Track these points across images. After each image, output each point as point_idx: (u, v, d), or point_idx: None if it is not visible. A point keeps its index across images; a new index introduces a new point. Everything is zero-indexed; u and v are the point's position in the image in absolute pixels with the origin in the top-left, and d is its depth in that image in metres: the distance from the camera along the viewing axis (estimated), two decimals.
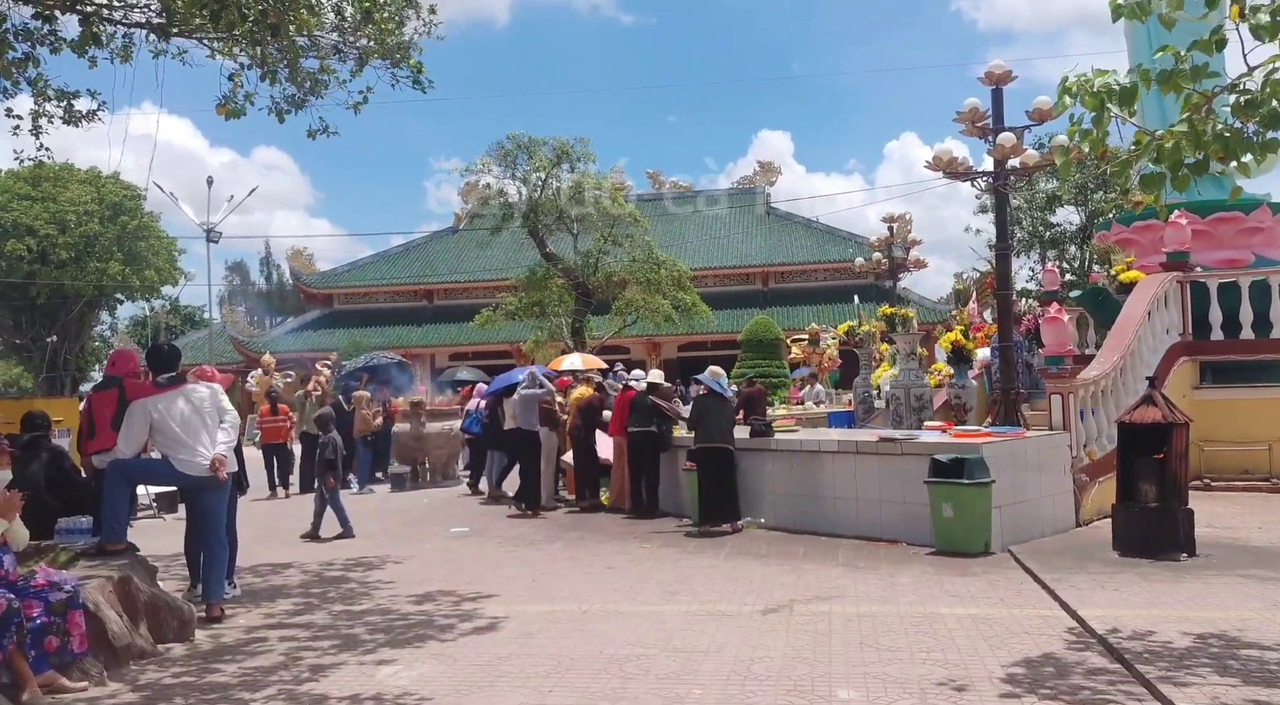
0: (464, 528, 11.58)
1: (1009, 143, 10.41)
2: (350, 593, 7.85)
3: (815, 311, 45.42)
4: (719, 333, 40.89)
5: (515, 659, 5.72)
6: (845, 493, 9.96)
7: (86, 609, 5.45)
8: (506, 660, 5.70)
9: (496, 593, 7.67)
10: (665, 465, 12.05)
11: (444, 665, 5.64)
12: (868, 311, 37.20)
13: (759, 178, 59.30)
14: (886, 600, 6.97)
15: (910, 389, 13.14)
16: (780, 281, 50.53)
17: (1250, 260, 13.49)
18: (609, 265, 26.53)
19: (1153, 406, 8.14)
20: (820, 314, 43.78)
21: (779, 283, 50.51)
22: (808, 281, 49.92)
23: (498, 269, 50.85)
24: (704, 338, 43.11)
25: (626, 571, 8.54)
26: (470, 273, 51.81)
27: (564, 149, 25.69)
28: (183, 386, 6.89)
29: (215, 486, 6.91)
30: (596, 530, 11.15)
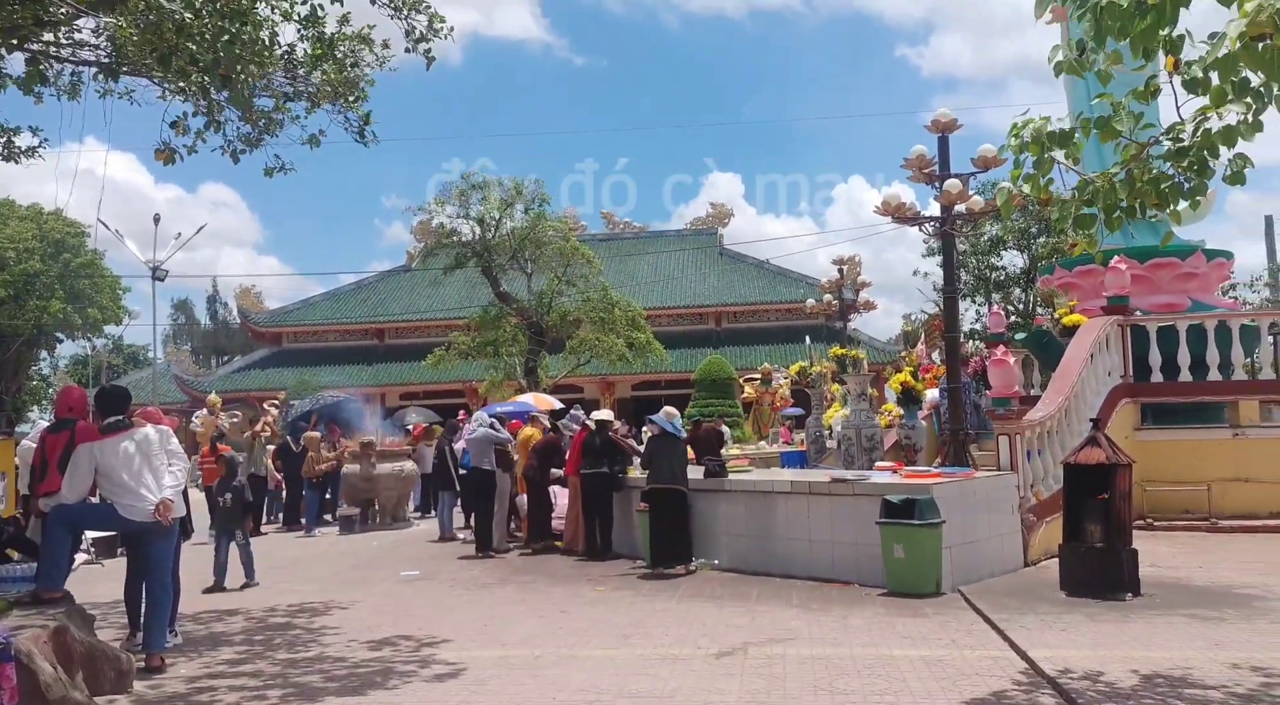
0: (414, 571, 11.39)
1: (955, 189, 10.67)
2: (296, 640, 7.66)
3: (767, 351, 45.77)
4: (672, 372, 40.99)
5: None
6: (798, 533, 9.99)
7: (19, 660, 5.25)
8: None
9: (449, 638, 7.54)
10: (618, 506, 12.00)
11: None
12: (819, 352, 37.66)
13: (712, 219, 60.05)
14: (840, 642, 6.98)
15: (861, 429, 13.28)
16: (733, 321, 50.99)
17: (1187, 305, 13.92)
18: (563, 305, 26.57)
19: (1097, 448, 8.32)
20: (772, 354, 44.11)
21: (731, 322, 50.96)
22: (760, 322, 50.47)
23: (451, 308, 50.75)
24: (658, 377, 43.20)
25: (580, 615, 8.46)
26: (423, 312, 51.55)
27: (518, 189, 25.81)
28: (130, 430, 6.73)
29: (160, 532, 6.73)
30: (549, 573, 11.04)
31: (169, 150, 7.54)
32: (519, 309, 26.39)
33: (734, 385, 34.25)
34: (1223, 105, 5.01)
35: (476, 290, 49.66)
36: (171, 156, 8.04)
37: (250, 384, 47.76)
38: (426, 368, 44.40)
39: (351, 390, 44.68)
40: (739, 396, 32.46)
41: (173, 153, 7.62)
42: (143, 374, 54.57)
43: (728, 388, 34.87)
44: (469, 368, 35.19)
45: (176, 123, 7.98)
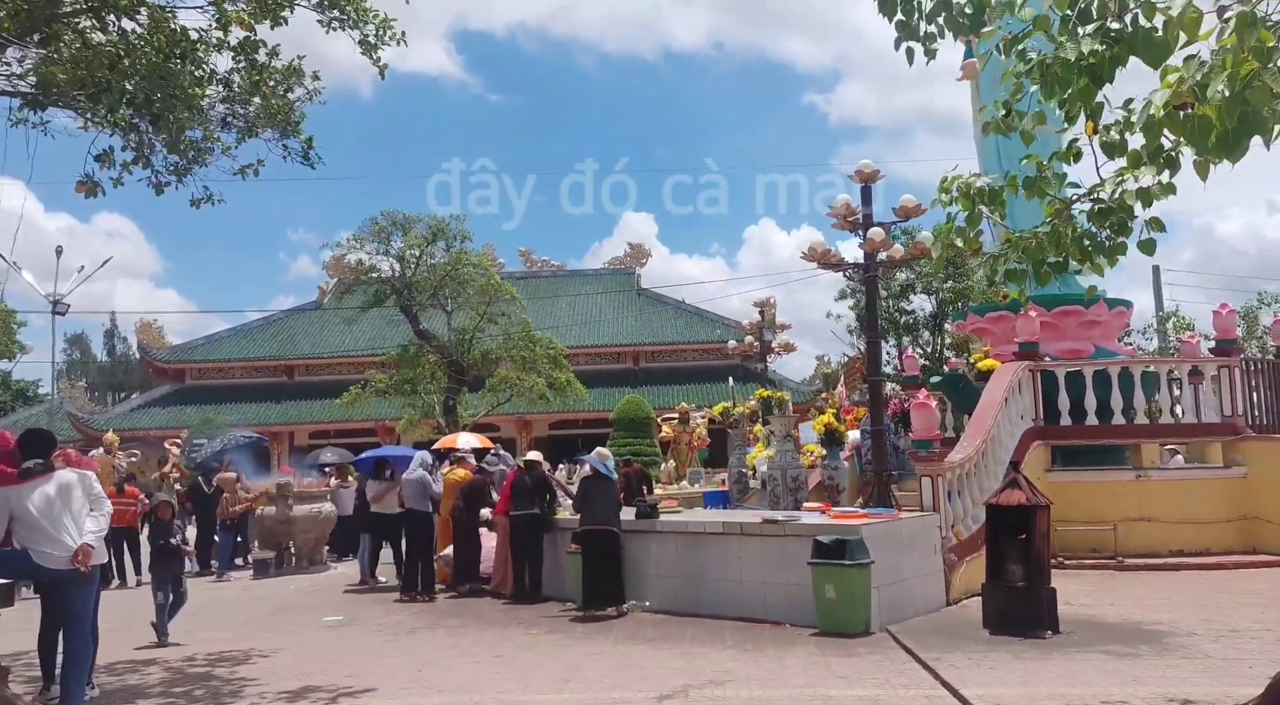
0: (338, 616, 11.08)
1: (879, 237, 11.07)
2: (216, 691, 7.37)
3: (684, 391, 46.20)
4: (590, 411, 40.96)
5: None
6: (730, 574, 10.08)
7: None
8: None
9: (378, 686, 7.37)
10: (548, 548, 11.91)
11: None
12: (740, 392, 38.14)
13: (629, 259, 60.53)
14: (778, 683, 7.05)
15: (787, 470, 13.51)
16: (650, 361, 51.33)
17: (1090, 351, 14.62)
18: (484, 343, 26.39)
19: (1018, 489, 8.65)
20: (689, 393, 44.55)
21: (649, 362, 51.30)
22: (677, 361, 50.93)
23: (365, 345, 49.86)
24: (576, 416, 43.17)
25: (515, 659, 8.35)
26: (335, 349, 50.56)
27: (439, 227, 25.67)
28: (51, 474, 6.46)
29: (79, 580, 6.45)
30: (479, 616, 10.87)
31: (92, 183, 7.32)
32: (439, 347, 26.11)
33: (652, 425, 34.52)
34: (1139, 167, 5.37)
35: (392, 327, 49.01)
36: (94, 189, 7.81)
37: (150, 422, 46.03)
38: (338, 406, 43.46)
39: (260, 428, 43.51)
40: (657, 436, 32.72)
41: (95, 185, 7.40)
42: (33, 411, 52.02)
43: (645, 427, 35.12)
44: (383, 406, 34.68)
45: (103, 156, 7.76)
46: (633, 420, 34.95)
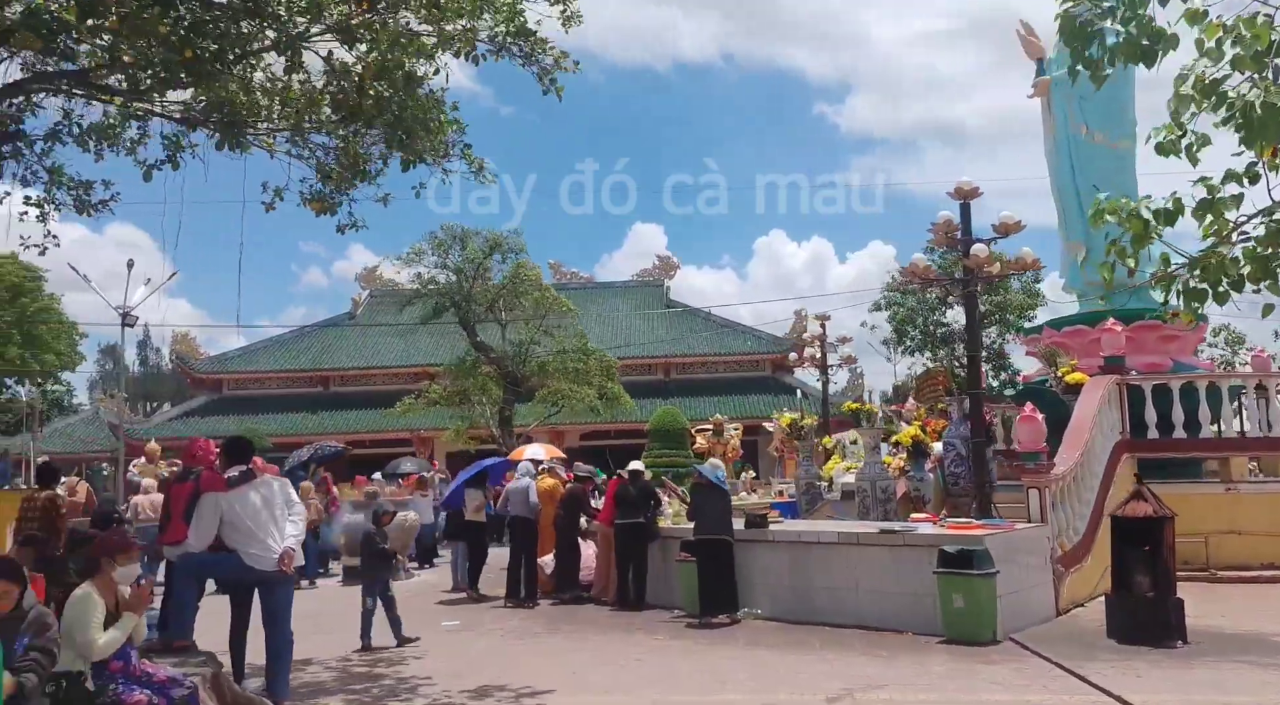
0: (454, 621, 11.38)
1: (983, 254, 11.34)
2: (394, 689, 7.68)
3: (716, 402, 46.28)
4: (622, 422, 41.20)
5: None
6: (845, 582, 10.32)
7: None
8: None
9: (550, 687, 7.64)
10: (650, 556, 12.17)
11: None
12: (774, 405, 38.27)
13: (658, 271, 60.79)
14: (936, 688, 7.30)
15: (876, 481, 13.75)
16: (682, 372, 51.46)
17: (1169, 365, 14.84)
18: (538, 355, 26.71)
19: (1143, 501, 8.89)
20: (721, 405, 44.66)
21: (680, 373, 51.43)
22: (708, 373, 51.02)
23: (399, 356, 50.36)
24: (607, 427, 43.28)
25: (656, 663, 8.62)
26: (369, 360, 50.94)
27: (497, 240, 26.05)
28: (256, 480, 6.80)
29: (283, 581, 6.78)
30: (590, 622, 11.14)
31: (325, 199, 7.61)
32: (495, 359, 26.45)
33: (686, 436, 34.77)
34: None
35: (427, 338, 49.54)
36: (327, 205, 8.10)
37: (188, 431, 46.30)
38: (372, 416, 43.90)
39: (296, 438, 43.90)
40: (691, 447, 32.96)
41: (331, 202, 7.69)
42: (69, 421, 52.57)
43: (680, 438, 35.33)
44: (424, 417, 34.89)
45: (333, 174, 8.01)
46: (668, 432, 35.07)
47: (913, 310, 43.99)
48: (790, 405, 37.42)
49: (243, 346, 53.61)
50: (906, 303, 44.43)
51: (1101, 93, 13.59)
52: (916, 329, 44.08)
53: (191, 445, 7.34)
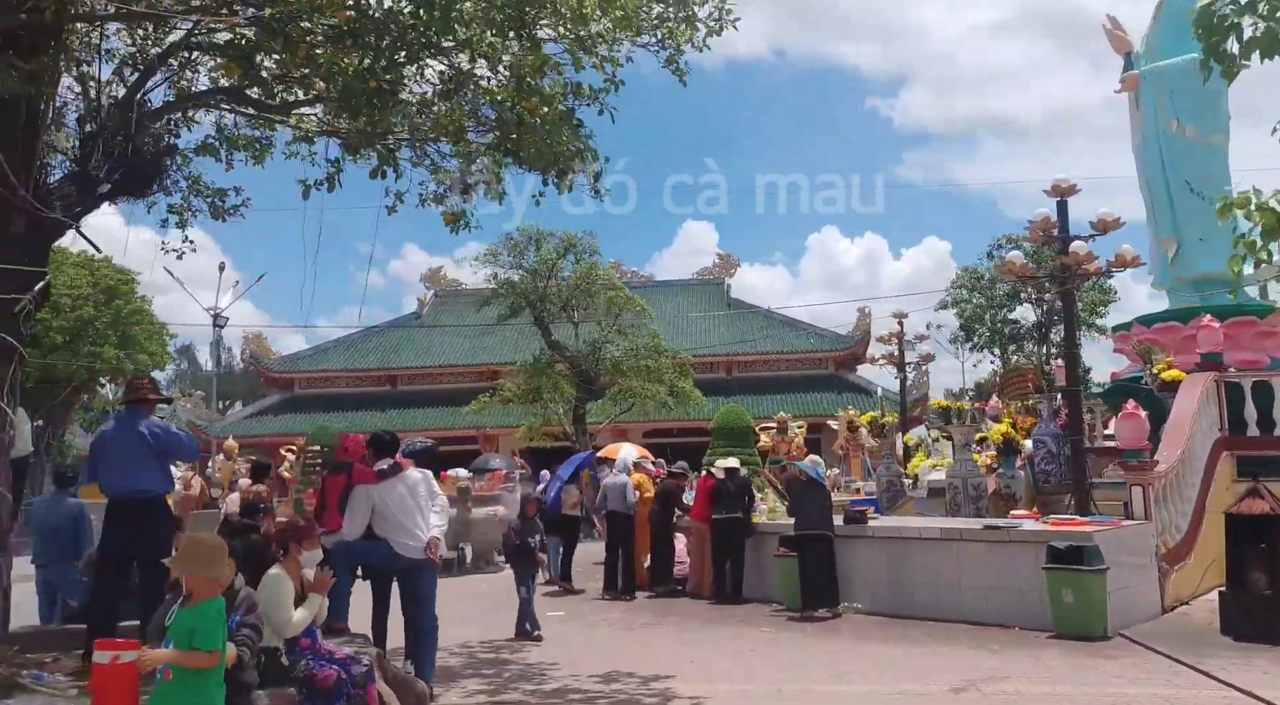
0: (559, 612, 11.70)
1: (1082, 251, 11.35)
2: (525, 674, 8.00)
3: (779, 400, 46.14)
4: (684, 420, 41.32)
5: None
6: (947, 578, 10.42)
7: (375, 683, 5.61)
8: None
9: (670, 673, 7.89)
10: (747, 551, 12.37)
11: None
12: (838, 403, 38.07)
13: (718, 269, 60.80)
14: (1061, 680, 7.40)
15: (967, 478, 13.79)
16: (743, 371, 51.42)
17: (1266, 362, 14.62)
18: (611, 353, 27.01)
19: (1259, 499, 8.86)
20: (784, 403, 44.52)
21: (742, 372, 51.40)
22: (770, 371, 50.85)
23: (464, 356, 51.11)
24: (670, 425, 43.48)
25: (770, 653, 8.83)
26: (435, 359, 51.75)
27: (571, 241, 26.42)
28: (402, 473, 7.15)
29: (429, 568, 7.13)
30: (693, 615, 11.38)
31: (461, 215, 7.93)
32: (569, 357, 26.82)
33: (751, 434, 34.86)
34: None
35: (489, 338, 50.24)
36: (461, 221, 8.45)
37: (263, 429, 47.61)
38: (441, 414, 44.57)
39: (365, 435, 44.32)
40: (755, 445, 33.05)
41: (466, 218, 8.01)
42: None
43: (745, 436, 35.40)
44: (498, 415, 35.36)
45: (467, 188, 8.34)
46: (733, 430, 35.15)
47: (980, 308, 43.51)
48: (855, 403, 37.32)
49: (313, 346, 54.89)
50: (973, 300, 43.95)
51: (1194, 88, 13.50)
52: (984, 327, 43.58)
53: (344, 440, 7.74)
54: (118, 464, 6.42)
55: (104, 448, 6.57)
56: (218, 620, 4.32)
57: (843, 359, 50.63)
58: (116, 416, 6.63)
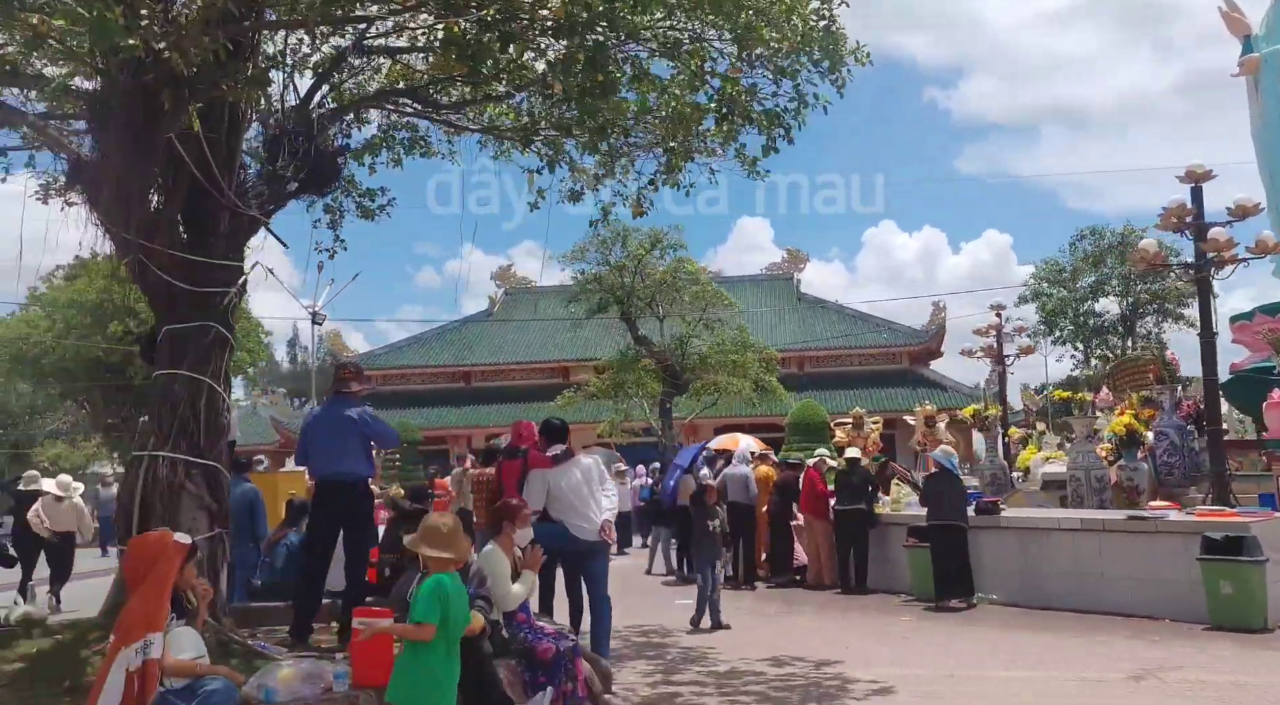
0: (687, 599, 11.79)
1: (1222, 238, 11.11)
2: (688, 656, 8.15)
3: (852, 396, 45.75)
4: (756, 416, 41.15)
5: None
6: (1088, 569, 10.29)
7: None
8: None
9: (834, 658, 7.94)
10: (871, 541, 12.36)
11: None
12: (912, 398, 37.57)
13: (787, 265, 60.45)
14: (1235, 670, 7.28)
15: (1090, 470, 13.58)
16: (815, 366, 51.06)
17: None
18: (697, 348, 27.09)
19: None
20: (857, 398, 44.15)
21: (814, 367, 51.04)
22: (842, 366, 50.39)
23: (536, 352, 51.57)
24: (742, 420, 43.42)
25: (924, 640, 8.85)
26: (507, 356, 52.30)
27: (657, 236, 26.53)
28: (575, 459, 7.33)
29: (603, 549, 7.30)
30: (821, 604, 11.42)
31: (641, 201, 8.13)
32: (656, 352, 26.96)
33: (827, 429, 34.66)
34: None
35: (561, 335, 50.63)
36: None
37: None
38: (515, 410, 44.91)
39: (441, 431, 45.51)
40: (831, 440, 32.85)
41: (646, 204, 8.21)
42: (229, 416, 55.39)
43: (820, 431, 35.22)
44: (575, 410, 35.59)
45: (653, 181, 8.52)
46: (808, 425, 35.03)
47: (1063, 301, 42.70)
48: (930, 399, 36.92)
49: (388, 343, 55.93)
50: (1055, 294, 43.15)
51: None
52: (1067, 320, 42.74)
53: (517, 427, 7.94)
54: (328, 448, 6.68)
55: (315, 432, 6.82)
56: (431, 596, 4.41)
57: (917, 354, 50.01)
58: (325, 403, 6.90)
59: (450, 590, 4.40)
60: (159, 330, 6.75)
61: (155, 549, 4.42)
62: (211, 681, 4.31)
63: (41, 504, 12.39)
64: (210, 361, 6.59)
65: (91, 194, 6.14)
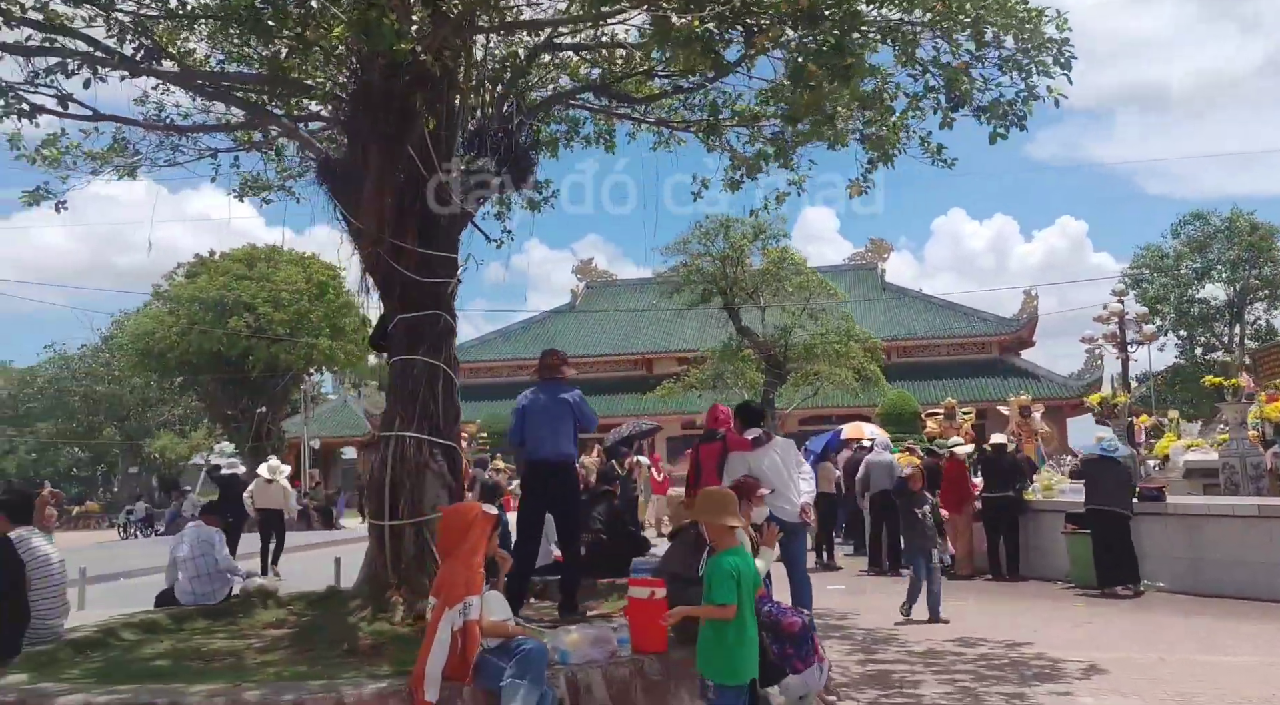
0: (840, 586, 11.93)
1: None
2: (875, 637, 8.30)
3: (941, 386, 45.10)
4: (842, 406, 40.77)
5: (1185, 695, 6.07)
6: (1264, 558, 10.10)
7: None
8: (1175, 695, 6.06)
9: (1023, 641, 7.98)
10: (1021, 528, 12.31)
11: (1129, 699, 6.04)
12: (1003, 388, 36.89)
13: (870, 254, 59.80)
14: None
15: (1245, 457, 13.30)
16: (902, 356, 50.42)
17: None
18: (800, 338, 27.05)
19: None
20: (947, 388, 43.51)
21: (901, 357, 50.43)
22: (930, 356, 49.72)
23: (617, 345, 51.99)
24: (827, 411, 43.18)
25: (1103, 624, 8.88)
26: (590, 348, 52.75)
27: (761, 227, 26.53)
28: (773, 442, 7.49)
29: (803, 531, 7.48)
30: (976, 590, 11.39)
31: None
32: (758, 343, 27.03)
33: (918, 420, 34.30)
34: None
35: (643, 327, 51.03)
36: None
37: None
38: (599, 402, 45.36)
39: None
40: (923, 431, 32.51)
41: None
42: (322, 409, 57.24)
43: (912, 422, 34.89)
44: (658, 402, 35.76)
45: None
46: (900, 415, 34.78)
47: (1164, 288, 41.60)
48: (1022, 388, 36.24)
49: (476, 337, 56.84)
50: (1156, 281, 42.04)
51: None
52: (1169, 307, 41.61)
53: (714, 410, 8.14)
54: (545, 430, 6.94)
55: (533, 415, 7.05)
56: (727, 574, 4.63)
57: (1007, 343, 49.11)
58: (538, 387, 7.15)
59: (740, 565, 4.62)
60: (390, 320, 7.10)
61: (468, 519, 4.72)
62: (526, 642, 4.58)
63: (254, 485, 13.84)
64: (443, 348, 6.92)
65: (340, 192, 6.48)
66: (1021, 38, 5.92)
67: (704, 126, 8.40)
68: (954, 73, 5.96)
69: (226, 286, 29.24)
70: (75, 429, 44.52)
